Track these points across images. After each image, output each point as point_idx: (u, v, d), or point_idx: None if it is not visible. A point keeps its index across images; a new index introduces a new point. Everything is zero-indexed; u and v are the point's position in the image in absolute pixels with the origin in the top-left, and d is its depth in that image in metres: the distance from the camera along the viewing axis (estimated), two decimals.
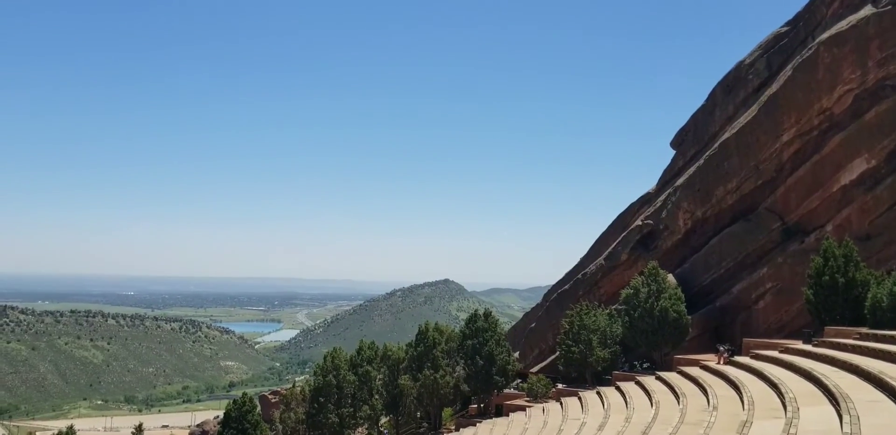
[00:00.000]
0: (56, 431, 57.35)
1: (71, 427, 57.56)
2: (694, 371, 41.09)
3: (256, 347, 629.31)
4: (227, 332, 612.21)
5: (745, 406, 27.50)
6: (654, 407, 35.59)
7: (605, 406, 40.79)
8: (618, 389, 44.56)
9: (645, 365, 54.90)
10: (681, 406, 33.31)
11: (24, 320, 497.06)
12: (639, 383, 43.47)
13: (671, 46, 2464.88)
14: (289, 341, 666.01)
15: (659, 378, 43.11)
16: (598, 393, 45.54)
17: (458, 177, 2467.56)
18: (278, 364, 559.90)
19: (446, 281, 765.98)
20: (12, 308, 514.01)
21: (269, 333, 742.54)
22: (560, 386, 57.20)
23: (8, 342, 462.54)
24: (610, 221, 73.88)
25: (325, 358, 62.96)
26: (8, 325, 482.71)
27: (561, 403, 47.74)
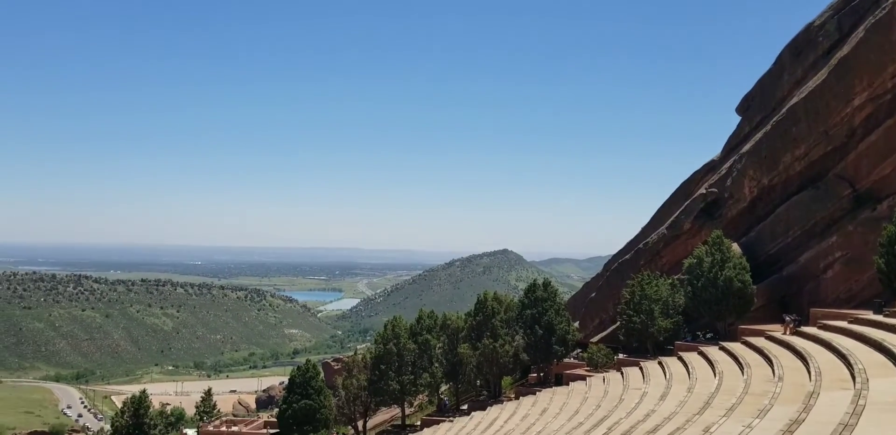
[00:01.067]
0: (130, 396, 59.61)
1: (144, 391, 59.70)
2: (759, 341, 40.36)
3: (318, 315, 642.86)
4: (291, 300, 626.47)
5: (812, 377, 26.93)
6: (717, 377, 35.15)
7: (667, 376, 40.42)
8: (680, 359, 44.10)
9: (708, 335, 54.15)
10: (745, 377, 32.80)
11: (98, 289, 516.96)
12: (702, 354, 42.93)
13: (737, 9, 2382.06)
14: (350, 310, 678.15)
15: (722, 348, 42.51)
16: (660, 363, 45.13)
17: (518, 147, 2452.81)
18: (340, 332, 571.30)
19: (505, 251, 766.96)
20: (87, 277, 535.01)
21: (331, 301, 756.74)
22: (621, 356, 56.91)
23: (83, 310, 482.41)
24: (673, 190, 72.59)
25: (385, 326, 63.83)
26: (83, 293, 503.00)
27: (622, 373, 47.52)
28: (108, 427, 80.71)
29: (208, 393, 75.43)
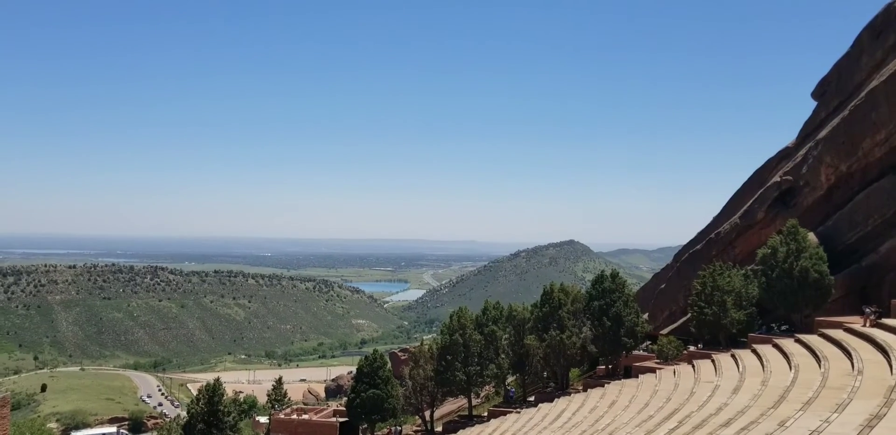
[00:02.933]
0: (204, 384, 61.30)
1: (218, 380, 61.27)
2: (837, 334, 39.02)
3: (385, 306, 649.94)
4: (358, 291, 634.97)
5: (894, 370, 25.92)
6: (792, 370, 34.12)
7: (740, 369, 39.44)
8: (754, 351, 42.97)
9: (783, 327, 52.66)
10: (822, 370, 31.76)
11: (174, 280, 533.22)
12: (776, 346, 41.74)
13: None
14: (415, 301, 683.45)
15: (798, 341, 41.24)
16: (733, 356, 44.06)
17: (584, 138, 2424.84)
18: (406, 323, 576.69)
19: (571, 242, 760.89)
20: (163, 269, 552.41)
21: (397, 292, 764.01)
22: (692, 348, 55.84)
23: (160, 301, 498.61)
24: (745, 178, 70.71)
25: (451, 317, 63.93)
26: (159, 284, 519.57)
27: (693, 366, 46.56)
28: (184, 414, 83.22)
29: (279, 382, 77.07)
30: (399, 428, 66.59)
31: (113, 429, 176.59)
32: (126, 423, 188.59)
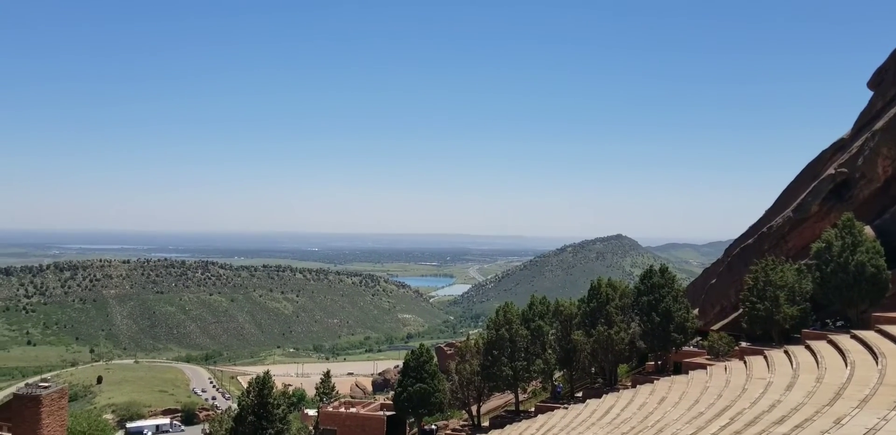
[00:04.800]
0: (254, 376, 62.20)
1: (267, 372, 62.03)
2: (895, 330, 37.95)
3: (431, 300, 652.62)
4: (404, 286, 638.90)
5: None
6: (848, 367, 33.29)
7: (794, 365, 38.61)
8: (808, 347, 42.02)
9: (838, 323, 51.35)
10: (879, 367, 30.92)
11: (224, 275, 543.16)
12: (831, 342, 40.78)
13: None
14: (461, 296, 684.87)
15: (854, 337, 40.21)
16: (786, 352, 43.16)
17: (630, 129, 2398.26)
18: (452, 317, 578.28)
19: (619, 236, 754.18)
20: (213, 263, 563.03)
21: (443, 287, 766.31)
22: (743, 344, 54.79)
23: (210, 295, 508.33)
24: (798, 171, 69.10)
25: (496, 312, 63.79)
26: (210, 278, 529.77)
27: (745, 362, 45.76)
28: (235, 406, 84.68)
29: (327, 375, 78.02)
30: (433, 427, 66.60)
31: (166, 420, 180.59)
32: (179, 414, 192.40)
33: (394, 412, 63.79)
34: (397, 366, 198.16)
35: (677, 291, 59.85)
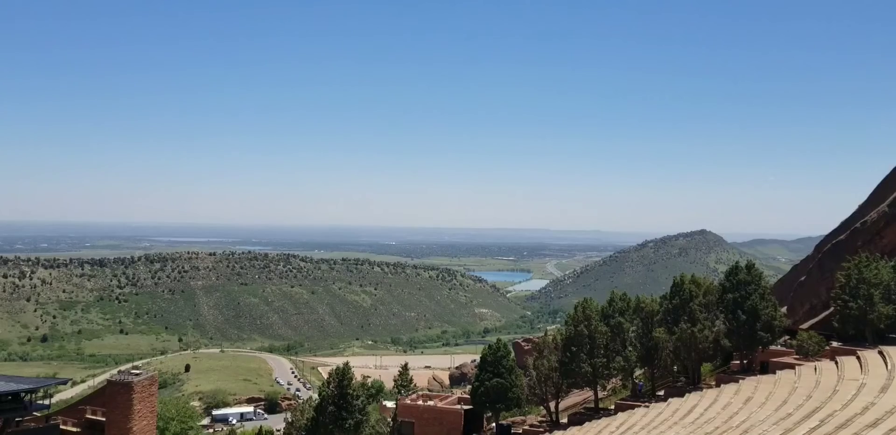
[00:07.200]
0: (334, 367, 63.41)
1: (347, 364, 63.16)
2: None
3: (508, 295, 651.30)
4: (480, 280, 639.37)
5: None
6: None
7: (889, 367, 36.94)
8: None
9: None
10: None
11: (304, 267, 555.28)
12: None
13: None
14: (539, 291, 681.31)
15: None
16: (881, 352, 41.32)
17: (717, 121, 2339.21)
18: (529, 313, 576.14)
19: (703, 232, 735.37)
20: (294, 256, 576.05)
21: (520, 282, 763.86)
22: (834, 344, 52.75)
23: (292, 287, 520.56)
24: (894, 165, 66.07)
25: (575, 308, 63.07)
26: (291, 271, 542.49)
27: (836, 362, 44.02)
28: (315, 396, 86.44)
29: (405, 368, 78.54)
30: (509, 422, 66.15)
31: (250, 408, 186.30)
32: (262, 403, 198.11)
33: (471, 406, 63.88)
34: (474, 360, 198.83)
35: (764, 288, 58.03)
